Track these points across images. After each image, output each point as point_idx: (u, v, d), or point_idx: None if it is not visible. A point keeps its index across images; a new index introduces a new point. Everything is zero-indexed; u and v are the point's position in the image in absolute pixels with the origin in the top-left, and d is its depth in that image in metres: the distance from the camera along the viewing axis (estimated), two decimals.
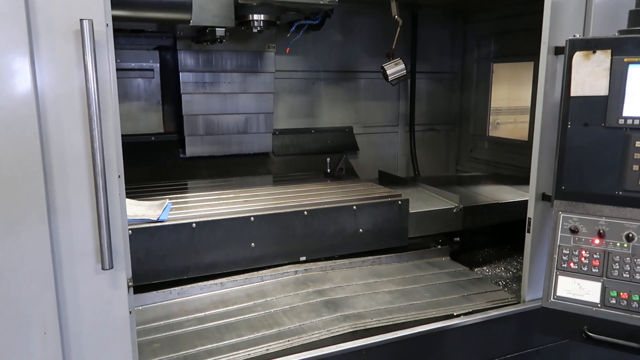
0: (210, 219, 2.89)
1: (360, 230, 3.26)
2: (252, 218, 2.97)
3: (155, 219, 2.76)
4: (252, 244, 2.99)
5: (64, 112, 1.75)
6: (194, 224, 2.82)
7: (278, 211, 3.07)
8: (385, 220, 3.32)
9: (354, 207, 3.23)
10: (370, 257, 3.30)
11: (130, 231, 2.61)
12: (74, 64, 1.73)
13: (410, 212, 3.41)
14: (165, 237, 2.76)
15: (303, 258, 3.17)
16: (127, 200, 2.99)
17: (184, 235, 2.80)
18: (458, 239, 3.63)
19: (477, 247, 3.83)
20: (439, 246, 3.54)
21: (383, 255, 3.34)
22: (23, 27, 1.64)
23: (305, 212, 3.11)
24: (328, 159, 4.07)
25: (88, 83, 1.69)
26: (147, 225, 2.73)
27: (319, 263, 3.19)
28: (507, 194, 4.01)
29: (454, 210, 3.55)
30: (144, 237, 2.71)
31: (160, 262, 2.76)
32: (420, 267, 3.34)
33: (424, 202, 3.68)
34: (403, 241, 3.43)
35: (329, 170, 4.04)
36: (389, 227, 3.34)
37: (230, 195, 3.37)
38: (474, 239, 3.85)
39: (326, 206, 3.19)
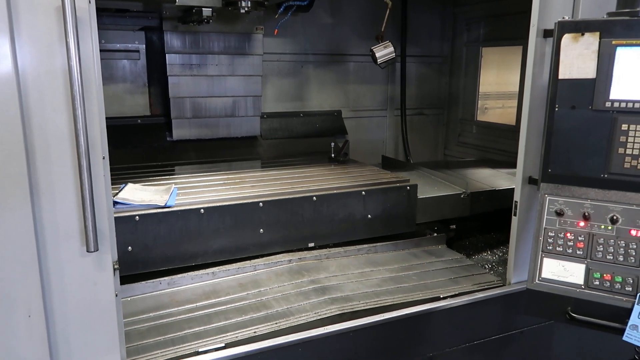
0: (218, 204, 2.84)
1: (369, 215, 3.23)
2: (260, 203, 2.93)
3: (163, 204, 2.71)
4: (261, 230, 2.95)
5: (46, 91, 1.72)
6: (202, 210, 2.78)
7: (287, 197, 3.03)
8: (394, 205, 3.29)
9: (363, 192, 3.20)
10: (366, 245, 3.27)
11: (137, 217, 2.60)
12: (56, 42, 1.69)
13: (418, 197, 3.37)
14: (174, 223, 2.71)
15: (311, 244, 3.14)
16: (132, 185, 2.99)
17: (192, 221, 2.76)
18: (454, 226, 3.59)
19: (472, 233, 3.78)
20: (435, 234, 3.50)
21: (379, 244, 3.30)
22: (2, 4, 1.60)
23: (314, 198, 3.07)
24: (332, 144, 4.04)
25: (70, 61, 1.65)
26: (155, 210, 2.68)
27: (313, 252, 3.14)
28: (502, 180, 3.96)
29: (462, 196, 3.51)
30: (151, 223, 2.66)
31: (168, 248, 2.72)
32: (416, 255, 3.30)
33: (430, 187, 3.63)
34: (411, 227, 3.39)
35: (333, 154, 4.01)
36: (397, 212, 3.31)
37: (236, 180, 3.32)
38: (469, 226, 3.80)
39: (335, 191, 3.15)
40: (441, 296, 2.71)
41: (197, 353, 2.17)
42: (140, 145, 3.96)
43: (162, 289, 2.71)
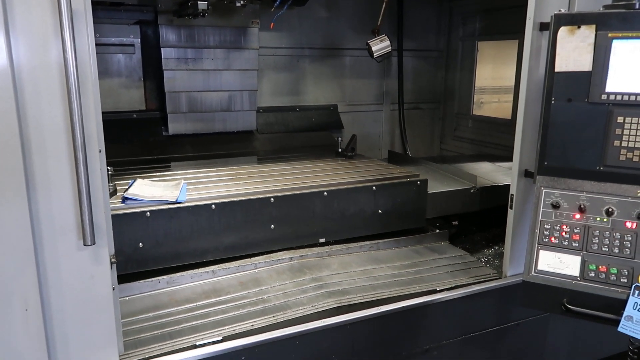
0: (229, 200, 2.80)
1: (380, 211, 3.21)
2: (272, 199, 2.90)
3: (174, 200, 2.67)
4: (272, 225, 2.93)
5: (42, 84, 1.71)
6: (213, 205, 2.74)
7: (298, 192, 2.99)
8: (404, 201, 3.26)
9: (374, 187, 3.17)
10: (368, 242, 3.22)
11: (148, 213, 2.57)
12: (51, 35, 1.68)
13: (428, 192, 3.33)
14: (184, 219, 2.68)
15: (322, 240, 3.11)
16: (142, 181, 2.96)
17: (203, 217, 2.72)
18: (456, 222, 3.54)
19: (473, 229, 3.72)
20: (437, 230, 3.46)
21: (381, 240, 3.26)
22: None
23: (325, 193, 3.04)
24: (340, 138, 4.03)
25: (66, 54, 1.64)
26: (166, 206, 2.64)
27: (314, 249, 3.10)
28: (503, 175, 3.90)
29: (471, 191, 3.48)
30: (163, 219, 2.62)
31: (179, 245, 2.69)
32: (418, 252, 3.25)
33: (439, 182, 3.59)
34: (421, 222, 3.37)
35: (340, 149, 4.00)
36: (407, 208, 3.28)
37: (245, 175, 3.27)
38: (470, 221, 3.73)
39: (346, 186, 3.12)
40: (437, 289, 2.72)
41: (195, 346, 2.17)
42: (136, 140, 3.95)
43: (161, 288, 2.67)
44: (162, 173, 3.31)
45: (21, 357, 1.82)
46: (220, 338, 2.23)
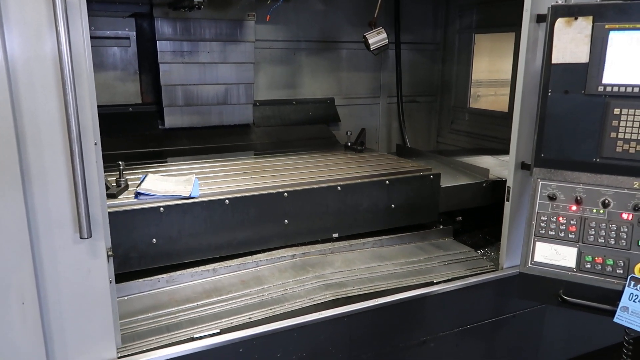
0: (243, 195, 2.77)
1: (392, 205, 3.18)
2: (285, 194, 2.87)
3: (187, 195, 2.64)
4: (286, 220, 2.90)
5: (37, 77, 1.70)
6: (226, 200, 2.71)
7: (312, 186, 2.96)
8: (417, 195, 3.23)
9: (387, 182, 3.14)
10: (371, 239, 3.20)
11: (162, 208, 2.54)
12: (46, 27, 1.67)
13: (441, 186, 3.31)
14: (198, 214, 2.65)
15: (335, 235, 3.09)
16: (153, 175, 2.93)
17: (216, 212, 2.69)
18: (460, 218, 3.52)
19: (476, 224, 3.66)
20: (441, 226, 3.44)
21: (384, 237, 3.24)
22: None
23: (339, 187, 3.01)
24: (349, 133, 4.02)
25: (60, 46, 1.63)
26: (179, 202, 2.61)
27: (317, 246, 3.08)
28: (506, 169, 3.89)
29: (484, 185, 3.45)
30: (176, 214, 2.60)
31: (192, 240, 2.66)
32: (422, 248, 3.23)
33: (451, 176, 3.56)
34: (433, 216, 3.35)
35: (349, 143, 3.97)
36: (420, 202, 3.26)
37: (255, 170, 3.24)
38: (473, 216, 3.67)
39: (359, 181, 3.09)
40: (434, 281, 2.73)
41: (192, 339, 2.17)
42: (132, 133, 3.92)
43: (160, 287, 2.63)
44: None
45: (18, 351, 1.82)
46: (218, 331, 2.23)
